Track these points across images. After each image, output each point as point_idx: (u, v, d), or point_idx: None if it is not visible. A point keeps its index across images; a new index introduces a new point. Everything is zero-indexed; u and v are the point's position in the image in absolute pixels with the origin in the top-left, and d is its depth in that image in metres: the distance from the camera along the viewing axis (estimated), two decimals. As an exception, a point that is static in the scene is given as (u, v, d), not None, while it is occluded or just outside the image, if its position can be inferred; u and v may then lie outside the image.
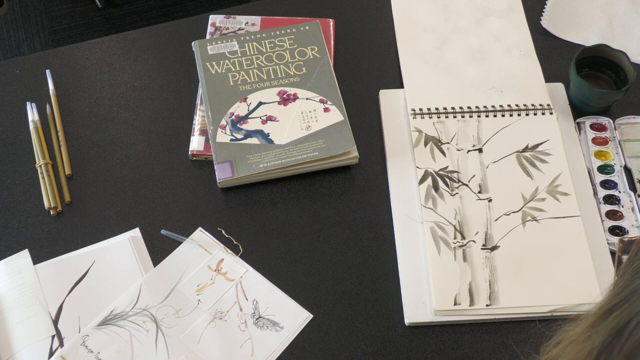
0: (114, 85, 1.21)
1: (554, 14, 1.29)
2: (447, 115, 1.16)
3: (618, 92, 1.12)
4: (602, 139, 1.14)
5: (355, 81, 1.22)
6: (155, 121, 1.17)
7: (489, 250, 1.03)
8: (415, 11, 1.30)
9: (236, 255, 1.04)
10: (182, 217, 1.08)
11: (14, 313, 0.99)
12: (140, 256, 1.04)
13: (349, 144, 1.10)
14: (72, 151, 1.14)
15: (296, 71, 1.19)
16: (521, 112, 1.16)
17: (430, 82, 1.20)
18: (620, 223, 1.05)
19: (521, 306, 0.98)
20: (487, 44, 1.25)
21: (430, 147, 1.13)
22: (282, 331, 0.98)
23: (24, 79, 1.21)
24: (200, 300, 1.00)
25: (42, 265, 1.03)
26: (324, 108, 1.14)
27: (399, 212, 1.07)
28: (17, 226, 1.07)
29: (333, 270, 1.03)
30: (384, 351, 0.97)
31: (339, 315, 1.00)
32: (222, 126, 1.12)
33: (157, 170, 1.12)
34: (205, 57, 1.19)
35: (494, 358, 0.96)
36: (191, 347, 0.97)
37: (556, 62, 1.24)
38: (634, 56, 1.22)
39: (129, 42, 1.27)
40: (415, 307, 0.99)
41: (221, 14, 1.27)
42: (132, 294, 1.00)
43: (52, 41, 2.33)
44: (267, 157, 1.09)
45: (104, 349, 0.96)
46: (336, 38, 1.26)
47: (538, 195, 1.08)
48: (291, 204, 1.09)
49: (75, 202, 1.09)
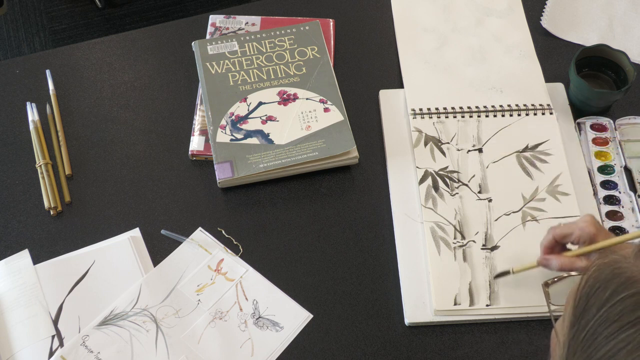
0: (114, 85, 1.21)
1: (554, 14, 1.29)
2: (447, 115, 1.16)
3: (618, 92, 1.12)
4: (603, 139, 1.14)
5: (355, 81, 1.22)
6: (155, 121, 1.17)
7: (489, 250, 1.03)
8: (415, 11, 1.30)
9: (236, 255, 1.04)
10: (182, 217, 1.08)
11: (14, 313, 0.99)
12: (140, 256, 1.04)
13: (349, 144, 1.10)
14: (72, 151, 1.14)
15: (296, 71, 1.19)
16: (521, 112, 1.16)
17: (430, 82, 1.20)
18: (620, 223, 1.05)
19: (521, 306, 0.98)
20: (487, 44, 1.25)
21: (430, 147, 1.13)
22: (282, 331, 0.98)
23: (24, 79, 1.21)
24: (200, 300, 1.00)
25: (42, 265, 1.03)
26: (324, 108, 1.14)
27: (399, 212, 1.07)
28: (17, 226, 1.07)
29: (333, 270, 1.03)
30: (384, 351, 0.97)
31: (339, 315, 1.00)
32: (222, 126, 1.12)
33: (157, 170, 1.12)
34: (205, 57, 1.19)
35: (494, 358, 0.96)
36: (191, 347, 0.97)
37: (556, 62, 1.24)
38: (634, 56, 1.22)
39: (129, 42, 1.27)
40: (415, 307, 0.99)
41: (221, 14, 1.27)
42: (132, 294, 1.00)
43: (52, 41, 2.33)
44: (267, 157, 1.09)
45: (104, 349, 0.96)
46: (336, 38, 1.26)
47: (538, 195, 1.08)
48: (291, 204, 1.09)
49: (75, 202, 1.09)
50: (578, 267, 0.90)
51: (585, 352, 0.57)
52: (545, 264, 0.94)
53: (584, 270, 0.84)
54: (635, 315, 0.55)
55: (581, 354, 0.58)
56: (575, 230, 0.90)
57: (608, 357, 0.55)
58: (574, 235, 0.90)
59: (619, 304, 0.56)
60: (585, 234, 0.89)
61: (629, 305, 0.56)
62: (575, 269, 0.90)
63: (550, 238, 0.93)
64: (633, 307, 0.56)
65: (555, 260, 0.92)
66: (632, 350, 0.54)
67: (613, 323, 0.56)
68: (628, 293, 0.56)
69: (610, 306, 0.57)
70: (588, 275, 0.61)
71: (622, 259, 0.60)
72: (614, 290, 0.57)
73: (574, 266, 0.90)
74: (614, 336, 0.56)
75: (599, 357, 0.56)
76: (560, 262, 0.91)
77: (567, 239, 0.92)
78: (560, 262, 0.91)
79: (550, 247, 0.94)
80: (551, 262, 0.92)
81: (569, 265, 0.91)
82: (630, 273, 0.58)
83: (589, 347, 0.57)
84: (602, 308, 0.57)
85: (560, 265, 0.91)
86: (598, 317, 0.57)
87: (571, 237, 0.91)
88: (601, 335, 0.57)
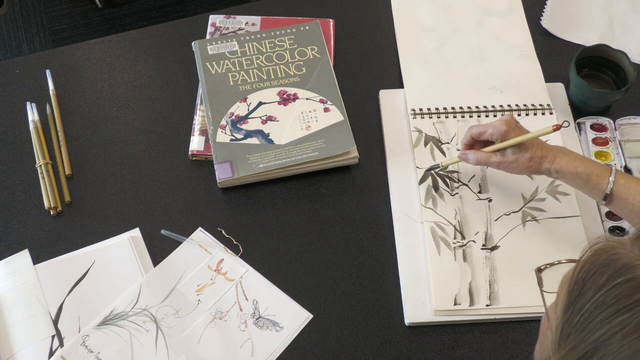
0: (114, 85, 1.21)
1: (554, 14, 1.29)
2: (447, 115, 1.16)
3: (618, 92, 1.12)
4: (603, 139, 1.14)
5: (355, 81, 1.22)
6: (155, 121, 1.17)
7: (489, 250, 1.03)
8: (415, 11, 1.30)
9: (236, 255, 1.04)
10: (182, 217, 1.08)
11: (14, 313, 0.99)
12: (140, 256, 1.04)
13: (349, 144, 1.10)
14: (72, 151, 1.14)
15: (296, 71, 1.19)
16: (521, 112, 1.16)
17: (430, 82, 1.20)
18: (620, 223, 1.05)
19: (521, 306, 0.98)
20: (487, 44, 1.25)
21: (430, 147, 1.13)
22: (282, 331, 0.98)
23: (24, 79, 1.21)
24: (200, 300, 1.00)
25: (42, 265, 1.03)
26: (324, 108, 1.14)
27: (399, 212, 1.07)
28: (17, 226, 1.07)
29: (333, 270, 1.03)
30: (384, 351, 0.97)
31: (339, 315, 1.00)
32: (222, 126, 1.12)
33: (157, 170, 1.12)
34: (205, 57, 1.19)
35: (494, 358, 0.96)
36: (191, 347, 0.97)
37: (556, 62, 1.24)
38: (634, 56, 1.22)
39: (129, 42, 1.27)
40: (415, 307, 0.99)
41: (221, 14, 1.27)
42: (132, 294, 1.00)
43: (52, 41, 2.33)
44: (267, 157, 1.09)
45: (104, 349, 0.96)
46: (336, 38, 1.26)
47: (538, 195, 1.08)
48: (291, 204, 1.09)
49: (75, 202, 1.09)
50: (492, 162, 1.00)
51: (580, 335, 0.58)
52: (464, 158, 1.04)
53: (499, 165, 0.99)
54: (632, 299, 0.56)
55: (575, 336, 0.58)
56: (489, 128, 1.00)
57: (603, 340, 0.56)
58: (488, 133, 1.00)
59: (615, 289, 0.57)
60: (497, 131, 0.99)
61: (625, 290, 0.56)
62: (489, 164, 1.01)
63: (468, 136, 1.03)
64: (629, 292, 0.56)
65: (472, 155, 1.02)
66: (628, 333, 0.55)
67: (609, 307, 0.56)
68: (625, 278, 0.57)
69: (607, 290, 0.57)
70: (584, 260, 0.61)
71: (619, 245, 0.60)
72: (610, 275, 0.58)
73: (489, 160, 1.00)
74: (610, 320, 0.56)
75: (594, 340, 0.56)
76: (476, 156, 1.02)
77: (482, 136, 1.01)
78: (476, 157, 1.01)
79: (469, 145, 1.04)
80: (469, 156, 1.02)
81: (485, 159, 1.01)
82: (627, 259, 0.58)
83: (583, 330, 0.58)
84: (599, 292, 0.58)
85: (476, 159, 1.02)
86: (594, 301, 0.58)
87: (485, 135, 1.01)
88: (596, 319, 0.57)
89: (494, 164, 1.00)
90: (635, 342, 0.54)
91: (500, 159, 0.99)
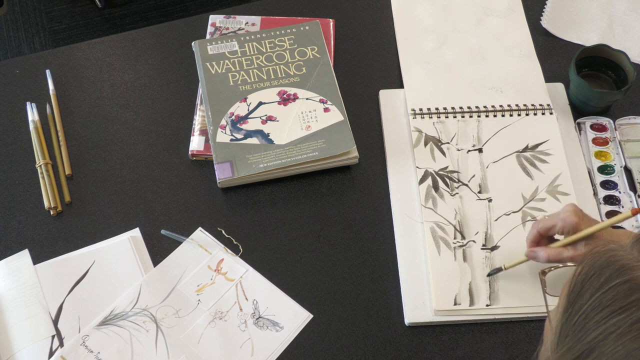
0: (114, 85, 1.21)
1: (554, 14, 1.29)
2: (447, 115, 1.16)
3: (618, 92, 1.12)
4: (603, 139, 1.14)
5: (355, 81, 1.22)
6: (155, 121, 1.17)
7: (489, 250, 1.03)
8: (415, 11, 1.30)
9: (236, 255, 1.04)
10: (182, 217, 1.08)
11: (14, 313, 0.99)
12: (140, 256, 1.04)
13: (349, 144, 1.10)
14: (72, 151, 1.14)
15: (296, 71, 1.19)
16: (521, 112, 1.16)
17: (430, 82, 1.20)
18: (620, 223, 1.05)
19: (521, 306, 0.98)
20: (487, 44, 1.25)
21: (430, 147, 1.13)
22: (282, 331, 0.98)
23: (24, 79, 1.21)
24: (200, 300, 1.00)
25: (42, 265, 1.03)
26: (324, 108, 1.14)
27: (399, 212, 1.07)
28: (17, 226, 1.07)
29: (333, 270, 1.03)
30: (384, 351, 0.97)
31: (339, 315, 1.00)
32: (222, 126, 1.12)
33: (157, 170, 1.12)
34: (205, 57, 1.19)
35: (494, 358, 0.96)
36: (191, 347, 0.97)
37: (556, 62, 1.24)
38: (634, 56, 1.22)
39: (129, 42, 1.27)
40: (415, 307, 0.99)
41: (221, 14, 1.27)
42: (132, 294, 1.00)
43: (52, 41, 2.33)
44: (267, 157, 1.09)
45: (104, 349, 0.96)
46: (336, 38, 1.26)
47: (538, 195, 1.08)
48: (291, 204, 1.09)
49: (75, 202, 1.09)
50: (565, 257, 0.91)
51: (576, 336, 0.58)
52: (532, 256, 0.95)
53: (573, 259, 0.88)
54: (627, 301, 0.56)
55: (572, 337, 0.59)
56: (558, 222, 0.91)
57: (598, 341, 0.56)
58: (557, 227, 0.91)
59: (612, 290, 0.57)
60: (567, 224, 0.90)
61: (621, 291, 0.57)
62: (562, 260, 0.91)
63: (534, 232, 0.94)
64: (625, 294, 0.56)
65: (542, 252, 0.93)
66: (622, 334, 0.55)
67: (605, 308, 0.57)
68: (622, 279, 0.57)
69: (604, 292, 0.58)
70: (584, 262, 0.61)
71: (619, 248, 0.60)
72: (608, 276, 0.58)
73: (561, 256, 0.91)
74: (605, 321, 0.56)
75: (589, 341, 0.57)
76: (547, 253, 0.92)
77: (551, 231, 0.93)
78: (547, 254, 0.92)
79: (535, 241, 0.95)
80: (538, 254, 0.93)
81: (556, 256, 0.91)
82: (625, 261, 0.58)
83: (579, 331, 0.58)
84: (596, 293, 0.58)
85: (547, 257, 0.92)
86: (591, 302, 0.58)
87: (555, 229, 0.92)
88: (592, 320, 0.57)
89: (566, 259, 0.91)
90: (630, 342, 0.55)
91: (574, 254, 0.90)
